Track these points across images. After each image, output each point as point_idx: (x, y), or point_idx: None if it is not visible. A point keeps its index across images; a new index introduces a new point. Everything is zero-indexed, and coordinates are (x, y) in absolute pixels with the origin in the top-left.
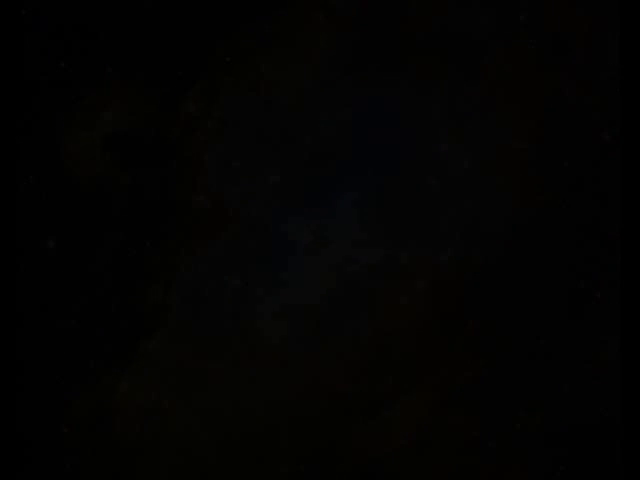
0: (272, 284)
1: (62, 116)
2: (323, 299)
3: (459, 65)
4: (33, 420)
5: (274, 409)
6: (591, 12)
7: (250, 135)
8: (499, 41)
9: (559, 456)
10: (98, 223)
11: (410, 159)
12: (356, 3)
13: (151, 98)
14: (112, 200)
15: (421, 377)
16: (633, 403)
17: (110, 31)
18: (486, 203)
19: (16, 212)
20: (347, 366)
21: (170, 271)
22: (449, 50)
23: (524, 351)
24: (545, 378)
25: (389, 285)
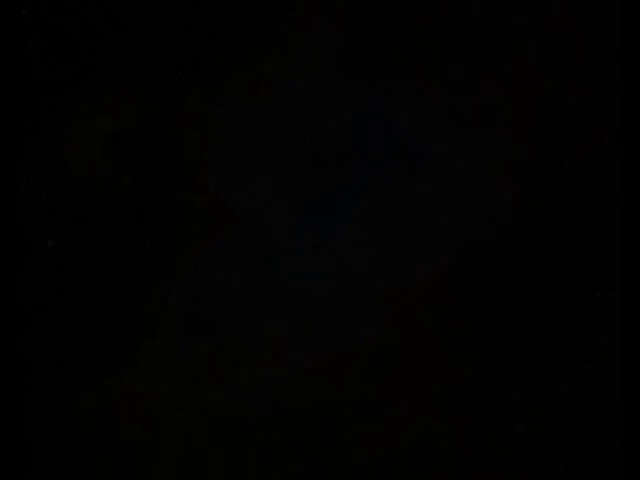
0: (272, 284)
1: (62, 116)
2: (323, 299)
3: (459, 65)
4: (34, 420)
5: (274, 409)
6: (591, 12)
7: (250, 135)
8: (499, 41)
9: (559, 456)
10: (98, 223)
11: (410, 159)
12: (356, 3)
13: (151, 98)
14: (112, 200)
15: (421, 377)
16: (633, 403)
17: (111, 31)
18: (486, 203)
19: (16, 212)
20: (347, 366)
21: (170, 271)
22: (449, 50)
23: (523, 351)
24: (545, 378)
25: (389, 285)
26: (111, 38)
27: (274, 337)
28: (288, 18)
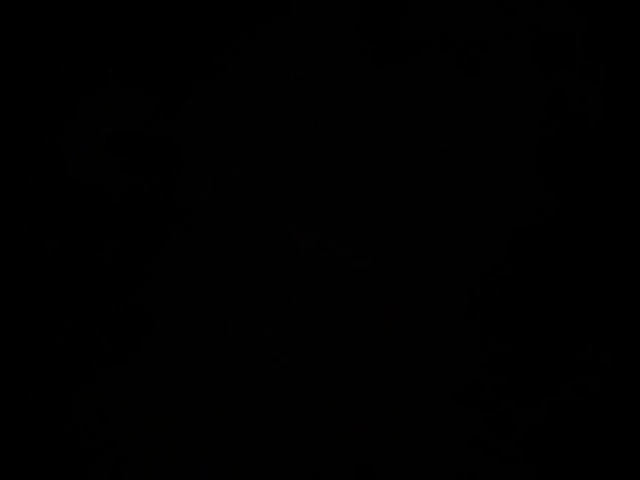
0: (272, 285)
1: (62, 116)
2: (323, 300)
3: (459, 63)
4: (32, 420)
5: (273, 409)
6: (591, 12)
7: (250, 135)
8: (499, 41)
9: (559, 455)
10: (98, 223)
11: (410, 159)
12: (356, 3)
13: (151, 98)
14: (112, 200)
15: (421, 377)
16: (633, 403)
17: (111, 31)
18: (485, 203)
19: (16, 212)
20: (346, 366)
21: (170, 271)
22: (449, 49)
23: (524, 351)
24: (545, 378)
25: (389, 285)
26: (111, 38)
27: (273, 336)
28: (288, 18)
